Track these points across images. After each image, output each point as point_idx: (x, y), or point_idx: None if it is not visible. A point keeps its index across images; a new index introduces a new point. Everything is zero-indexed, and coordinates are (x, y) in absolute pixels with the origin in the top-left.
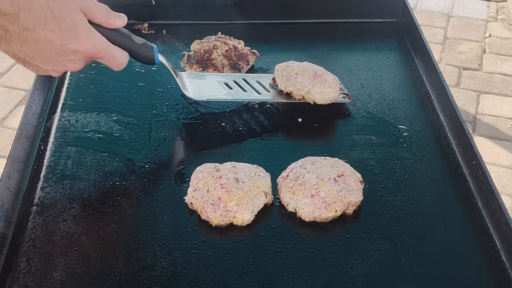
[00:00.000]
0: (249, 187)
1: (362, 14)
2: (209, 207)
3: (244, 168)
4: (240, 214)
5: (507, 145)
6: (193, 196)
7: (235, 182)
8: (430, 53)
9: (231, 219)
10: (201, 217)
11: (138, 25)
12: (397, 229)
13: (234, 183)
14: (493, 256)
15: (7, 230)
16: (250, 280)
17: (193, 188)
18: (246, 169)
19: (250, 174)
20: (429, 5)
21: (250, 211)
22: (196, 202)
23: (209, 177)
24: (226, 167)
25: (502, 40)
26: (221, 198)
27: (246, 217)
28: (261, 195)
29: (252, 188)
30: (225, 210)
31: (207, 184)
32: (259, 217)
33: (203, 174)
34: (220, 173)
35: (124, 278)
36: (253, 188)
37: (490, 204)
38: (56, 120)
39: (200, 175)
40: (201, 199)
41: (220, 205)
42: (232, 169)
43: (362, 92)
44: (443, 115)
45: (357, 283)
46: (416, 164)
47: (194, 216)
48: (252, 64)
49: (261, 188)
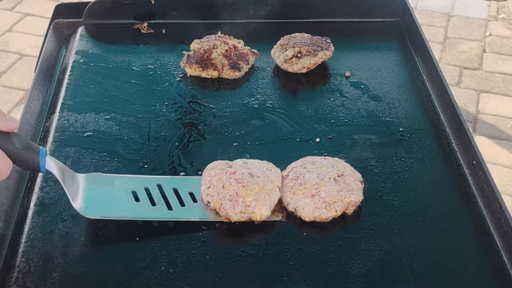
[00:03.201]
0: (264, 182)
1: (362, 14)
2: (227, 203)
3: (255, 163)
4: (259, 209)
5: (508, 144)
6: (208, 194)
7: (250, 177)
8: (430, 52)
9: (251, 215)
10: (220, 214)
11: (137, 24)
12: (397, 229)
13: (249, 177)
14: (494, 256)
15: (6, 230)
16: (250, 280)
17: (206, 186)
18: (258, 165)
19: (262, 169)
20: (430, 4)
21: (268, 206)
22: (213, 199)
23: (223, 173)
24: (237, 163)
25: (503, 39)
26: (238, 193)
27: (264, 213)
28: (275, 190)
29: (267, 182)
30: (244, 205)
31: (221, 180)
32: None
33: (215, 171)
34: (233, 169)
35: (124, 278)
36: (268, 183)
37: (490, 203)
38: (55, 120)
39: (212, 172)
40: (217, 195)
41: (239, 201)
42: (244, 165)
43: (362, 91)
44: (444, 114)
45: (358, 283)
46: (416, 164)
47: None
48: (252, 63)
49: (275, 183)
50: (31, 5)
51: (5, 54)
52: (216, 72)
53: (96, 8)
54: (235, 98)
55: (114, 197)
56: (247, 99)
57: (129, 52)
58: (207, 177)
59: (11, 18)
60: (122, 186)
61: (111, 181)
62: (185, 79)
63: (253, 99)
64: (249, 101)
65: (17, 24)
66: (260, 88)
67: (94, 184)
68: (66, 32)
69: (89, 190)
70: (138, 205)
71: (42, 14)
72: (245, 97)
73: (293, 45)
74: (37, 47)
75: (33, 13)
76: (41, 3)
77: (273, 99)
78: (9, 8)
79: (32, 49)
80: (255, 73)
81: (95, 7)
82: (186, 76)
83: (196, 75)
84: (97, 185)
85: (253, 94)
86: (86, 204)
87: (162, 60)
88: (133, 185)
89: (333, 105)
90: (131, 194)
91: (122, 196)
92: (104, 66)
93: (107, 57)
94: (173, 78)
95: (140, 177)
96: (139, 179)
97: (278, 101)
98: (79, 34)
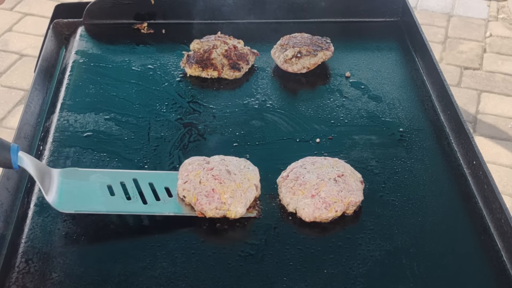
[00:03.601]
0: (241, 180)
1: (362, 14)
2: (203, 199)
3: (233, 161)
4: (234, 207)
5: (508, 144)
6: (184, 189)
7: (227, 174)
8: (430, 52)
9: (225, 212)
10: (195, 209)
11: (137, 24)
12: (397, 229)
13: (226, 174)
14: (494, 256)
15: (6, 230)
16: (250, 280)
17: (183, 181)
18: (235, 162)
19: (240, 166)
20: (430, 4)
21: (243, 204)
22: (189, 194)
23: (200, 169)
24: (215, 159)
25: (503, 39)
26: (215, 189)
27: (239, 211)
28: (252, 188)
29: (244, 180)
30: (220, 202)
31: (198, 176)
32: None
33: (193, 166)
34: (211, 165)
35: (123, 278)
36: (245, 181)
37: (491, 204)
38: (55, 120)
39: (190, 167)
40: (194, 190)
41: (215, 197)
42: (221, 161)
43: (362, 92)
44: (444, 114)
45: (358, 284)
46: (417, 164)
47: (193, 216)
48: (252, 63)
49: (252, 181)
50: (31, 5)
51: (5, 54)
52: (216, 72)
53: (96, 8)
54: (235, 98)
55: (89, 191)
56: (247, 99)
57: (129, 52)
58: (184, 172)
59: (11, 18)
60: (98, 181)
61: (87, 175)
62: (185, 79)
63: (253, 99)
64: (249, 101)
65: (17, 24)
66: (260, 88)
67: (69, 179)
68: (66, 32)
69: (63, 185)
70: (113, 199)
71: (42, 14)
72: (245, 97)
73: (293, 45)
74: (37, 47)
75: (33, 13)
76: (41, 3)
77: (273, 99)
78: (9, 8)
79: (32, 49)
80: (255, 73)
81: (95, 7)
82: (186, 76)
83: (196, 75)
84: (72, 179)
85: (253, 94)
86: (60, 198)
87: (162, 60)
88: (109, 179)
89: (333, 106)
90: (106, 189)
91: (97, 191)
92: (104, 66)
93: (107, 57)
94: (173, 78)
95: (116, 171)
96: (115, 173)
97: (278, 101)
98: (79, 34)
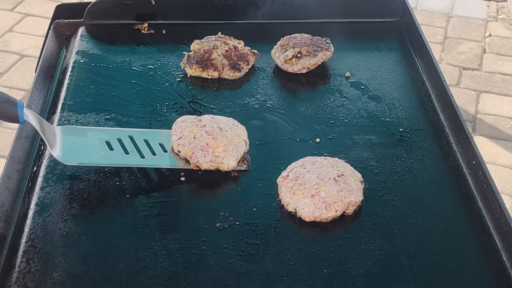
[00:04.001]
0: (232, 135)
1: (362, 14)
2: (199, 152)
3: (222, 119)
4: (227, 160)
5: (507, 144)
6: (179, 144)
7: (219, 130)
8: (430, 52)
9: (219, 165)
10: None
11: (137, 25)
12: (397, 229)
13: (218, 131)
14: (494, 256)
15: (7, 230)
16: (250, 280)
17: (177, 137)
18: (225, 121)
19: (229, 124)
20: (429, 4)
21: (235, 157)
22: (184, 148)
23: (193, 126)
24: (206, 118)
25: (502, 39)
26: (209, 144)
27: (231, 163)
28: (242, 143)
29: (234, 136)
30: (214, 155)
31: (193, 132)
32: (259, 216)
33: (186, 124)
34: (203, 122)
35: (124, 278)
36: (235, 137)
37: (490, 203)
38: (56, 120)
39: (183, 124)
40: (189, 145)
41: (209, 151)
42: (212, 119)
43: (362, 92)
44: (443, 114)
45: (357, 283)
46: (416, 164)
47: (193, 216)
48: (252, 64)
49: (241, 137)
50: (32, 6)
51: (6, 54)
52: (216, 72)
53: (97, 8)
54: (235, 99)
55: (89, 146)
56: (247, 99)
57: (129, 53)
58: (177, 128)
59: (11, 18)
60: (96, 137)
61: (85, 132)
62: (185, 79)
63: (253, 99)
64: (249, 102)
65: (18, 25)
66: (260, 88)
67: (69, 135)
68: (67, 32)
69: (65, 141)
70: (113, 153)
71: (42, 14)
72: (245, 98)
73: (293, 45)
74: (37, 47)
75: (34, 13)
76: (42, 3)
77: (273, 99)
78: (9, 9)
79: (32, 50)
80: (255, 73)
81: (95, 7)
82: (186, 77)
83: (196, 75)
84: (72, 136)
85: (253, 95)
86: (64, 152)
87: (163, 61)
88: (106, 136)
89: (333, 106)
90: (105, 144)
91: (96, 146)
92: (104, 66)
93: (107, 58)
94: (173, 79)
95: (112, 129)
96: (111, 131)
97: (278, 102)
98: (80, 35)
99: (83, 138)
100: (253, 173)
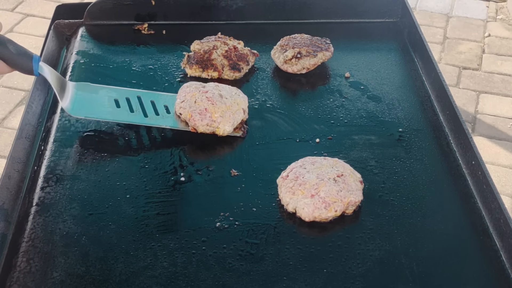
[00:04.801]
0: (231, 103)
1: (361, 15)
2: (196, 116)
3: (226, 88)
4: (223, 125)
5: (507, 145)
6: (181, 107)
7: (219, 97)
8: (429, 53)
9: (215, 129)
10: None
11: (137, 25)
12: (397, 229)
13: (218, 97)
14: (493, 256)
15: (7, 230)
16: (250, 280)
17: (180, 100)
18: (228, 89)
19: (231, 93)
20: (429, 5)
21: (231, 124)
22: (185, 111)
23: (196, 91)
24: (210, 85)
25: (502, 40)
26: (207, 109)
27: (227, 129)
28: (240, 111)
29: (233, 104)
30: (211, 120)
31: (194, 96)
32: (259, 216)
33: (190, 89)
34: (206, 89)
35: (124, 278)
36: (234, 104)
37: (489, 204)
38: (56, 120)
39: (187, 89)
40: (189, 108)
41: (207, 115)
42: (216, 87)
43: (362, 92)
44: (443, 115)
45: (357, 283)
46: (416, 164)
47: (193, 216)
48: (252, 64)
49: (240, 105)
50: (32, 6)
51: None
52: (216, 72)
53: (97, 9)
54: None
55: (98, 102)
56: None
57: (129, 53)
58: (182, 93)
59: (12, 19)
60: (106, 95)
61: (97, 90)
62: (185, 79)
63: (253, 99)
64: (249, 102)
65: (18, 25)
66: (260, 88)
67: (82, 91)
68: (67, 32)
69: (77, 96)
70: (119, 110)
71: (42, 14)
72: None
73: (293, 46)
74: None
75: (34, 13)
76: (42, 4)
77: (273, 99)
78: (10, 9)
79: (33, 50)
80: (255, 73)
81: (95, 7)
82: (186, 77)
83: (196, 75)
84: (84, 92)
85: (253, 95)
86: (73, 106)
87: (163, 61)
88: (116, 94)
89: (333, 106)
90: (113, 102)
91: (105, 103)
92: (104, 66)
93: (107, 58)
94: (173, 79)
95: (123, 89)
96: (122, 90)
97: (278, 102)
98: (80, 35)
99: (94, 95)
100: (253, 173)
